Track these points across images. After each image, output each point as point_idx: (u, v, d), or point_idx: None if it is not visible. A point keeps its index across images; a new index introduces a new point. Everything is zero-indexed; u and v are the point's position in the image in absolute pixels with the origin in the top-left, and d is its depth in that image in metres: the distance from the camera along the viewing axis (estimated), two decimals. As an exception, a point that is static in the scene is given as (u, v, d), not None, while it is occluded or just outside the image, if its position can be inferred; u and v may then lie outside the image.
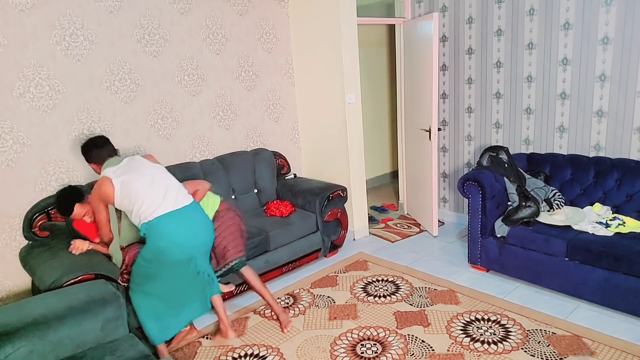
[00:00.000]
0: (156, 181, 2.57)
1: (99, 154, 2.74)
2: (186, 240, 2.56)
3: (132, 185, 2.51)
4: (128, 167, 2.60)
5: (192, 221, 2.59)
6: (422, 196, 4.51)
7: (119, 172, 2.56)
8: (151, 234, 2.51)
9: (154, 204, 2.49)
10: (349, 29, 4.06)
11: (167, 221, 2.50)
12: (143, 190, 2.51)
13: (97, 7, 3.26)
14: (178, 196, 2.58)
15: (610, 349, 2.56)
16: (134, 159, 2.68)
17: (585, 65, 3.53)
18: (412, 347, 2.71)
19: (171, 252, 2.53)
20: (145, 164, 2.65)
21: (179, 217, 2.53)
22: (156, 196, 2.51)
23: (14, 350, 1.89)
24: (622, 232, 3.00)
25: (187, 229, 2.56)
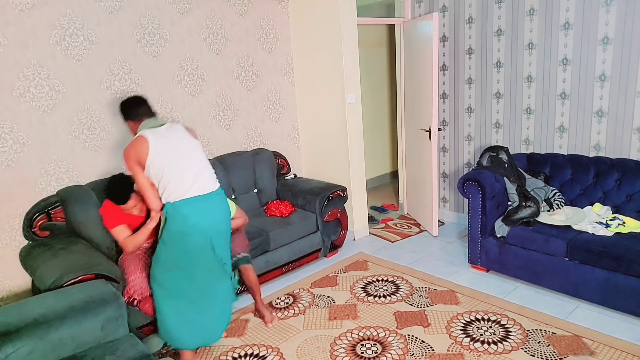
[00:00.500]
0: (192, 162, 2.46)
1: (135, 111, 2.60)
2: (209, 227, 2.45)
3: (166, 156, 2.39)
4: (167, 134, 2.46)
5: (215, 208, 2.50)
6: (422, 196, 4.51)
7: (157, 134, 2.42)
8: (174, 215, 2.39)
9: (184, 185, 2.39)
10: (349, 29, 4.06)
11: (193, 205, 2.40)
12: (176, 167, 2.40)
13: (97, 7, 3.26)
14: (208, 181, 2.49)
15: (610, 349, 2.56)
16: (176, 128, 2.54)
17: (585, 65, 3.53)
18: (412, 347, 2.71)
19: (192, 236, 2.42)
20: (186, 138, 2.52)
21: (205, 202, 2.44)
22: (187, 177, 2.40)
23: (15, 350, 1.89)
24: (622, 232, 3.00)
25: (210, 215, 2.46)
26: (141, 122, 2.56)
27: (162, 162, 2.39)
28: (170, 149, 2.43)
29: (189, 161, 2.46)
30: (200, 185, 2.44)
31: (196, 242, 2.44)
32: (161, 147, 2.40)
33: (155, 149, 2.38)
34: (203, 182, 2.46)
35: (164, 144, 2.42)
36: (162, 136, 2.44)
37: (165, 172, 2.39)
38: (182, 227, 2.41)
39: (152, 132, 2.45)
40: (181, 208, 2.39)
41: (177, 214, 2.40)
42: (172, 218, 2.41)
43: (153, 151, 2.37)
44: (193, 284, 2.52)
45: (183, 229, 2.41)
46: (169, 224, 2.43)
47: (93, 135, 3.34)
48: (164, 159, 2.39)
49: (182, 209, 2.39)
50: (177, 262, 2.48)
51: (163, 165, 2.39)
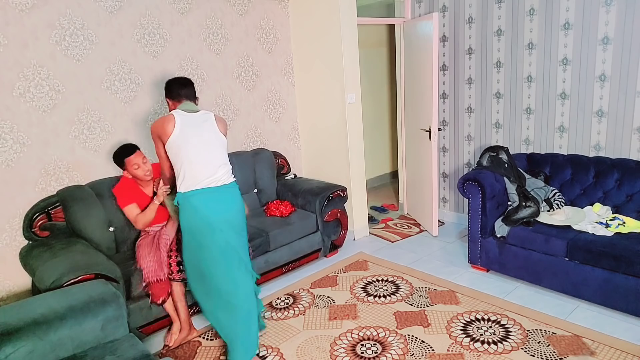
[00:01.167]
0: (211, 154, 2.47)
1: (176, 91, 2.64)
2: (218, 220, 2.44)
3: (186, 142, 2.40)
4: (197, 121, 2.48)
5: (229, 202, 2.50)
6: (422, 196, 4.51)
7: (187, 118, 2.45)
8: (184, 205, 2.43)
9: (199, 176, 2.41)
10: (349, 29, 4.06)
11: (202, 197, 2.41)
12: (193, 156, 2.41)
13: (97, 7, 3.26)
14: (224, 175, 2.49)
15: (610, 349, 2.56)
16: (207, 117, 2.55)
17: (585, 65, 3.53)
18: (412, 347, 2.71)
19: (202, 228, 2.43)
20: (213, 130, 2.53)
21: (215, 194, 2.44)
22: (203, 169, 2.42)
23: (14, 350, 1.89)
24: (622, 232, 3.00)
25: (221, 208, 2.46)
26: (180, 102, 2.59)
27: (181, 147, 2.40)
28: (193, 136, 2.44)
29: (208, 153, 2.47)
30: (214, 179, 2.44)
31: (207, 235, 2.44)
32: (185, 131, 2.42)
33: (179, 131, 2.40)
34: (218, 176, 2.46)
35: (189, 129, 2.43)
36: (191, 122, 2.47)
37: (184, 159, 2.41)
38: (191, 218, 2.43)
39: (183, 114, 2.48)
40: (191, 199, 2.41)
41: (186, 204, 2.42)
42: (182, 208, 2.44)
43: (176, 132, 2.39)
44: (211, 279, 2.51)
45: (193, 220, 2.43)
46: (181, 215, 2.47)
47: (93, 135, 3.34)
48: (184, 144, 2.41)
49: (191, 200, 2.41)
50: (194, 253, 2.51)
51: (183, 151, 2.41)
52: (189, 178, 2.41)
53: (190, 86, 2.69)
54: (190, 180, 2.41)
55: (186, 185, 2.41)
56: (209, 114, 2.60)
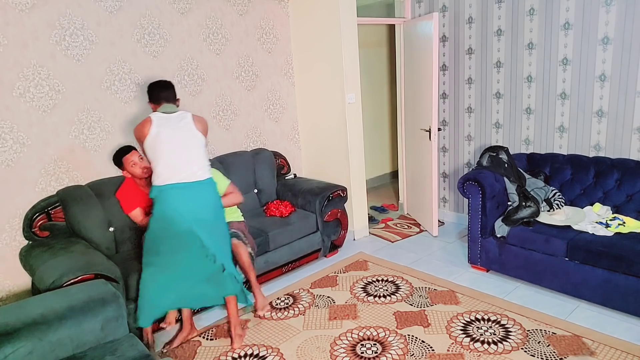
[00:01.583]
0: (185, 151, 2.59)
1: (157, 94, 2.74)
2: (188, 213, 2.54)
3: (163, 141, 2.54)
4: (173, 122, 2.62)
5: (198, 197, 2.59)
6: (422, 196, 4.51)
7: (163, 119, 2.60)
8: (159, 198, 2.55)
9: (173, 171, 2.54)
10: (349, 29, 4.06)
11: (173, 192, 2.53)
12: (169, 153, 2.55)
13: (97, 7, 3.26)
14: (198, 171, 2.60)
15: (610, 349, 2.56)
16: (184, 117, 2.67)
17: (585, 65, 3.53)
18: (412, 347, 2.71)
19: (174, 220, 2.53)
20: (189, 129, 2.64)
21: (187, 190, 2.56)
22: (177, 165, 2.55)
23: (14, 350, 1.89)
24: (622, 232, 3.00)
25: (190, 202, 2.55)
26: (160, 105, 2.71)
27: (158, 146, 2.55)
28: (169, 136, 2.57)
29: (183, 151, 2.59)
30: (187, 174, 2.56)
31: (177, 226, 2.54)
32: (161, 131, 2.56)
33: (156, 132, 2.55)
34: (191, 172, 2.57)
35: (165, 129, 2.58)
36: (168, 122, 2.61)
37: (158, 156, 2.55)
38: (163, 210, 2.55)
39: (160, 116, 2.63)
40: (164, 192, 2.54)
41: (160, 197, 2.55)
42: (157, 200, 2.57)
43: (153, 133, 2.55)
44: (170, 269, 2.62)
45: (164, 212, 2.55)
46: (155, 207, 2.59)
47: (93, 135, 3.34)
48: (160, 143, 2.55)
49: (164, 193, 2.54)
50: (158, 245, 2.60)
51: (158, 149, 2.55)
52: (163, 174, 2.54)
53: (169, 89, 2.78)
54: (164, 175, 2.54)
55: (160, 180, 2.54)
56: (187, 113, 2.71)
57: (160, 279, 2.64)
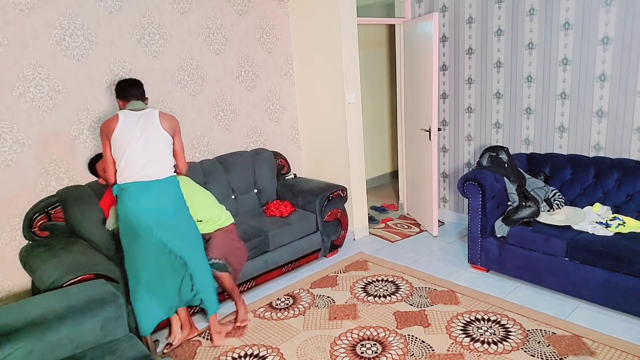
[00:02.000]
0: (147, 150, 2.57)
1: (125, 91, 2.74)
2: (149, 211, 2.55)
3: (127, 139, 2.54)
4: (139, 119, 2.60)
5: (158, 194, 2.58)
6: (422, 196, 4.51)
7: (129, 117, 2.59)
8: (120, 197, 2.58)
9: (134, 169, 2.53)
10: (349, 29, 4.06)
11: (134, 189, 2.54)
12: (131, 152, 2.54)
13: (97, 7, 3.26)
14: (158, 170, 2.59)
15: (610, 349, 2.56)
16: (150, 115, 2.63)
17: (585, 65, 3.53)
18: (412, 347, 2.71)
19: (135, 221, 2.54)
20: (154, 128, 2.61)
21: (147, 187, 2.55)
22: (138, 163, 2.54)
23: (13, 350, 1.89)
24: (622, 232, 3.00)
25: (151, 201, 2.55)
26: (129, 102, 2.70)
27: (122, 144, 2.54)
28: (133, 133, 2.55)
29: (144, 149, 2.56)
30: (146, 173, 2.56)
31: (136, 226, 2.55)
32: (127, 129, 2.55)
33: (121, 129, 2.54)
34: (151, 171, 2.56)
35: (130, 127, 2.56)
36: (133, 120, 2.58)
37: (122, 154, 2.54)
38: (124, 209, 2.56)
39: (127, 113, 2.60)
40: (125, 191, 2.55)
41: (121, 196, 2.57)
42: (119, 200, 2.60)
43: (118, 130, 2.54)
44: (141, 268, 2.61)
45: (125, 211, 2.56)
46: (118, 206, 2.62)
47: (93, 136, 3.34)
48: (124, 141, 2.54)
49: (125, 192, 2.55)
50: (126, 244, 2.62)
51: (122, 147, 2.54)
52: (125, 171, 2.55)
53: (138, 86, 2.78)
54: (125, 173, 2.55)
55: (122, 178, 2.56)
56: (154, 111, 2.67)
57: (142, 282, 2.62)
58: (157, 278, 2.64)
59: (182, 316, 2.91)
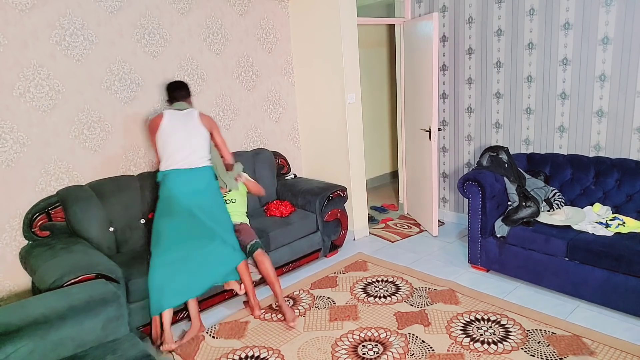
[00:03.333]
0: (188, 144, 2.96)
1: (171, 93, 3.18)
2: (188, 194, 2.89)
3: (171, 134, 2.94)
4: (181, 118, 3.01)
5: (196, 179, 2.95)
6: (422, 196, 4.51)
7: (173, 116, 3.00)
8: (162, 181, 2.94)
9: (175, 159, 2.92)
10: (349, 29, 4.06)
11: (175, 175, 2.91)
12: (174, 144, 2.93)
13: (97, 7, 3.26)
14: (196, 160, 2.97)
15: (610, 349, 2.56)
16: (191, 114, 3.05)
17: (585, 65, 3.53)
18: (412, 347, 2.71)
19: (175, 200, 2.88)
20: (194, 125, 3.02)
21: (187, 173, 2.93)
22: (180, 154, 2.93)
23: (15, 349, 1.89)
24: (622, 232, 3.01)
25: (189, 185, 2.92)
26: (174, 103, 3.13)
27: (166, 138, 2.95)
28: (176, 129, 2.96)
29: (186, 143, 2.96)
30: (187, 162, 2.94)
31: (175, 204, 2.89)
32: (170, 126, 2.96)
33: (165, 126, 2.96)
34: (190, 161, 2.95)
35: (173, 124, 2.97)
36: (176, 118, 3.00)
37: (166, 146, 2.94)
38: (165, 191, 2.92)
39: (170, 112, 3.03)
40: (169, 175, 2.92)
41: (165, 179, 2.93)
42: (162, 184, 2.94)
43: (162, 127, 2.96)
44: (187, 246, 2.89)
45: (166, 192, 2.92)
46: (160, 189, 2.96)
47: (93, 135, 3.34)
48: (168, 135, 2.94)
49: (169, 176, 2.91)
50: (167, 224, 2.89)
51: (166, 141, 2.94)
52: (167, 160, 2.93)
53: (181, 89, 3.19)
54: (168, 161, 2.93)
55: (165, 166, 2.94)
56: (194, 111, 3.10)
57: (167, 260, 2.83)
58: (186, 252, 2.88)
59: (192, 312, 2.94)
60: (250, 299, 3.16)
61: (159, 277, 2.80)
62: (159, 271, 2.81)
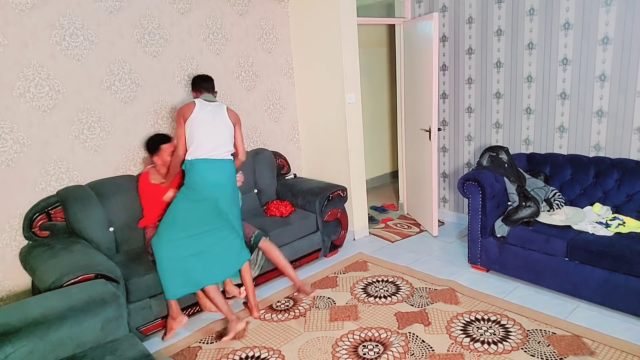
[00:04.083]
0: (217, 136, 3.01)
1: (200, 84, 3.21)
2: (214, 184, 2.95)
3: (201, 124, 2.97)
4: (211, 109, 3.04)
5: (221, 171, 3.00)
6: (422, 196, 4.51)
7: (204, 106, 3.03)
8: (189, 170, 2.96)
9: (205, 149, 2.95)
10: (349, 29, 4.06)
11: (203, 164, 2.95)
12: (204, 135, 2.96)
13: (97, 7, 3.26)
14: (223, 153, 3.02)
15: (610, 349, 2.56)
16: (220, 107, 3.10)
17: (585, 65, 3.53)
18: (412, 347, 2.71)
19: (201, 189, 2.93)
20: (223, 117, 3.07)
21: (214, 164, 2.97)
22: (208, 145, 2.97)
23: (14, 350, 1.89)
24: (622, 232, 3.00)
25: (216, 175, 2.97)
26: (202, 93, 3.16)
27: (197, 127, 2.97)
28: (206, 120, 2.99)
29: (215, 135, 3.01)
30: (215, 153, 2.99)
31: (204, 194, 2.93)
32: (201, 115, 2.99)
33: (196, 114, 2.99)
34: (218, 152, 3.00)
35: (204, 114, 3.00)
36: (207, 109, 3.03)
37: (195, 135, 2.96)
38: (194, 180, 2.94)
39: (202, 102, 3.06)
40: (196, 164, 2.94)
41: (192, 168, 2.95)
42: (188, 172, 2.97)
43: (194, 115, 2.98)
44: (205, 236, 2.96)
45: (195, 181, 2.94)
46: (186, 177, 2.98)
47: (93, 135, 3.34)
48: (199, 125, 2.97)
49: (196, 165, 2.94)
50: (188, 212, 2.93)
51: (196, 130, 2.96)
52: (197, 149, 2.96)
53: (210, 81, 3.24)
54: (197, 151, 2.95)
55: (194, 155, 2.95)
56: (222, 105, 3.14)
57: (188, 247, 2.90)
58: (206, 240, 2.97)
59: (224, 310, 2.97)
60: (250, 300, 3.17)
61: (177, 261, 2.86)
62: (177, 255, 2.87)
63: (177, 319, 2.96)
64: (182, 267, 2.86)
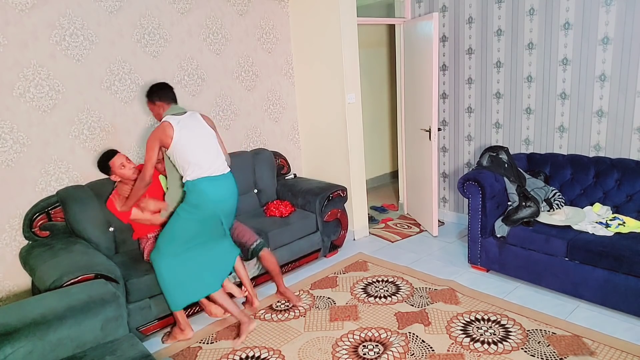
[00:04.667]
0: (209, 148, 2.89)
1: (166, 94, 2.95)
2: (219, 201, 2.86)
3: (188, 142, 2.80)
4: (189, 122, 2.86)
5: (225, 187, 2.92)
6: (422, 196, 4.51)
7: (181, 123, 2.82)
8: (192, 190, 2.82)
9: (203, 167, 2.81)
10: (349, 29, 4.06)
11: (207, 183, 2.82)
12: (196, 152, 2.81)
13: (97, 7, 3.26)
14: (221, 165, 2.92)
15: (610, 349, 2.56)
16: (195, 117, 2.92)
17: (585, 65, 3.53)
18: (412, 347, 2.71)
19: (206, 207, 2.83)
20: (203, 126, 2.92)
21: (217, 181, 2.86)
22: (205, 161, 2.83)
23: (14, 350, 1.89)
24: (622, 232, 3.00)
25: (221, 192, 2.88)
26: (170, 105, 2.94)
27: (184, 150, 2.79)
28: (191, 137, 2.82)
29: (206, 151, 2.86)
30: (215, 168, 2.86)
31: (208, 212, 2.85)
32: (184, 134, 2.79)
33: (178, 137, 2.78)
34: (217, 166, 2.89)
35: (186, 131, 2.81)
36: (185, 124, 2.83)
37: (189, 157, 2.79)
38: (198, 199, 2.82)
39: (175, 119, 2.83)
40: (199, 184, 2.80)
41: (195, 189, 2.81)
42: (190, 193, 2.83)
43: (176, 139, 2.77)
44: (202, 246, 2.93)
45: (199, 201, 2.82)
46: (188, 198, 2.84)
47: (93, 136, 3.34)
48: (185, 148, 2.79)
49: (199, 185, 2.80)
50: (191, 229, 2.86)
51: (185, 150, 2.79)
52: (195, 169, 2.80)
53: (173, 90, 3.02)
54: (196, 170, 2.80)
55: (193, 175, 2.80)
56: (195, 113, 2.97)
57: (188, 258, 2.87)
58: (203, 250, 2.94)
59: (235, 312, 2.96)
60: (248, 290, 3.22)
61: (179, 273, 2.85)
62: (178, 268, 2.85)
63: (184, 331, 2.94)
64: (183, 278, 2.85)
